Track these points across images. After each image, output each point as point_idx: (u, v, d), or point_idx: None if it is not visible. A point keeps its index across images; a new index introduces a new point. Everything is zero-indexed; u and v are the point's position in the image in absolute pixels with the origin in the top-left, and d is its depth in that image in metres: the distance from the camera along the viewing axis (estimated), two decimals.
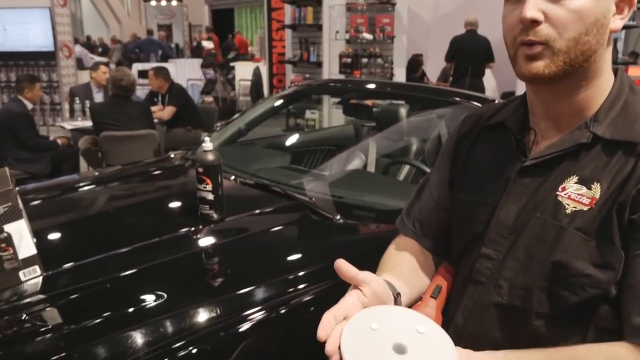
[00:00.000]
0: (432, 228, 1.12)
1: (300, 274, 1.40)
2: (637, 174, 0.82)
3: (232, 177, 2.07)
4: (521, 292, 0.90)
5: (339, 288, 0.93)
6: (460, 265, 1.04)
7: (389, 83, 4.45)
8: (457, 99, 2.33)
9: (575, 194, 0.86)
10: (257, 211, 1.83)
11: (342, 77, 6.34)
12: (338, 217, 1.74)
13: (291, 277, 1.39)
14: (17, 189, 1.42)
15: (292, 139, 3.51)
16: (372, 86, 3.03)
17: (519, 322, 0.91)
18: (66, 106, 6.80)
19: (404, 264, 1.06)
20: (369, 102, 3.20)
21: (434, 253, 1.12)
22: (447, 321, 1.01)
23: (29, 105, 4.88)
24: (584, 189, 0.86)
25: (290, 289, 1.34)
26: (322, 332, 0.78)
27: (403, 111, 2.70)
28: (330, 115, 5.98)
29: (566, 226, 0.86)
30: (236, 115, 2.88)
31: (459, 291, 1.01)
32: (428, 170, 2.32)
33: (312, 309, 1.31)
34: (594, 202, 0.85)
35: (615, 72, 0.92)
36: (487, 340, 0.94)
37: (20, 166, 4.50)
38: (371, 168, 2.72)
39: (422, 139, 2.81)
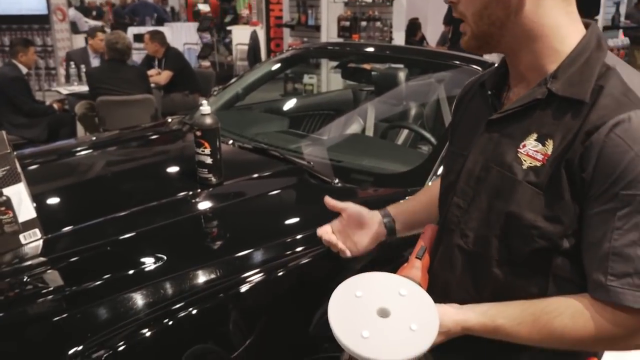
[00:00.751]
0: None
1: (298, 237, 1.41)
2: (583, 131, 0.85)
3: (230, 142, 2.06)
4: (482, 241, 0.96)
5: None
6: (440, 215, 1.10)
7: (388, 46, 4.39)
8: (457, 62, 2.31)
9: (532, 151, 0.91)
10: (256, 175, 1.83)
11: (340, 40, 6.26)
12: (336, 181, 1.75)
13: (289, 240, 1.40)
14: (15, 152, 1.41)
15: (290, 104, 3.49)
16: (370, 50, 2.99)
17: (481, 269, 0.97)
18: (62, 71, 6.72)
19: (421, 196, 1.28)
20: (367, 66, 3.17)
21: None
22: (430, 270, 1.07)
23: (24, 70, 4.83)
24: (540, 146, 0.90)
25: (288, 252, 1.35)
26: (320, 231, 1.18)
27: (402, 75, 2.68)
28: (329, 79, 5.93)
29: (521, 179, 0.90)
30: (233, 80, 2.85)
31: (437, 240, 1.08)
32: (426, 134, 2.32)
33: (309, 271, 1.33)
34: (546, 158, 0.89)
35: (587, 27, 0.93)
36: (457, 286, 1.01)
37: (16, 131, 4.47)
38: (369, 132, 2.71)
39: (421, 103, 2.80)
